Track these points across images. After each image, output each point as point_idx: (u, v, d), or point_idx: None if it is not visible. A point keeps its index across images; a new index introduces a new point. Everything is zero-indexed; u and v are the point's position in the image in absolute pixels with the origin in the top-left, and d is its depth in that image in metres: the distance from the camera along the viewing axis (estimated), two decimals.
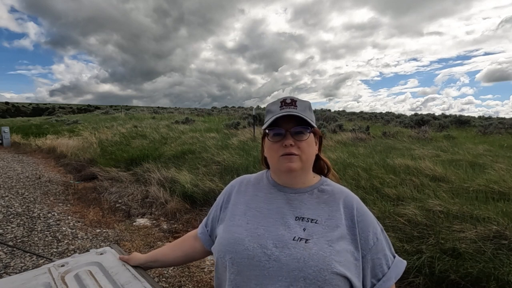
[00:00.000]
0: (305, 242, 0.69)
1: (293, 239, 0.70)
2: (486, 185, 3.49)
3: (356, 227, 0.73)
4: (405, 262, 0.78)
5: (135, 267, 1.03)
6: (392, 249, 0.78)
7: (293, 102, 0.78)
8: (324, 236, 0.70)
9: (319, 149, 0.86)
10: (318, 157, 0.85)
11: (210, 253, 0.90)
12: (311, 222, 0.73)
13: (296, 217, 0.75)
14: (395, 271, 0.75)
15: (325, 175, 0.87)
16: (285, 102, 0.78)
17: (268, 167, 0.89)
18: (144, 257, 1.04)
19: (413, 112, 22.59)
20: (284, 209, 0.77)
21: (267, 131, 0.79)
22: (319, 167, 0.87)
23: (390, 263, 0.75)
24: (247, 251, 0.72)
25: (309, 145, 0.77)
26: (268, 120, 0.78)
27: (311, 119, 0.78)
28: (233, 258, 0.73)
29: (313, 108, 0.86)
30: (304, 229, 0.72)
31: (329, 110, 19.75)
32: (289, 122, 0.76)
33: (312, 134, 0.79)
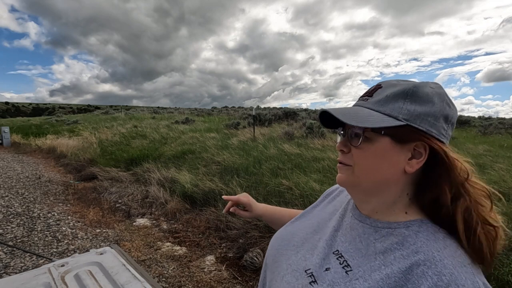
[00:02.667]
0: (310, 283, 0.51)
1: (305, 271, 0.53)
2: None
3: None
4: None
5: (135, 267, 1.03)
6: None
7: (376, 88, 0.53)
8: None
9: (439, 177, 0.47)
10: (434, 187, 0.48)
11: None
12: (342, 266, 0.50)
13: (335, 250, 0.54)
14: None
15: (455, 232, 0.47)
16: (370, 89, 0.54)
17: None
18: (263, 211, 0.92)
19: None
20: (334, 232, 0.58)
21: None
22: (436, 205, 0.48)
23: None
24: (273, 251, 0.65)
25: (367, 155, 0.51)
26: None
27: (389, 113, 0.48)
28: (267, 252, 0.67)
29: (314, 108, 0.63)
30: (327, 269, 0.51)
31: None
32: None
33: (388, 139, 0.49)
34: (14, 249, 3.01)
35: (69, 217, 4.04)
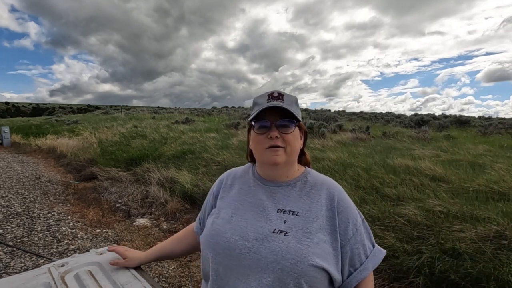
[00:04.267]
0: (284, 235, 0.71)
1: (273, 232, 0.72)
2: (486, 185, 3.49)
3: (336, 218, 0.75)
4: (384, 251, 0.81)
5: (135, 267, 1.02)
6: (372, 238, 0.81)
7: (280, 95, 0.79)
8: (303, 228, 0.72)
9: (304, 144, 0.87)
10: (302, 152, 0.87)
11: None
12: (292, 214, 0.75)
13: (278, 209, 0.76)
14: (373, 261, 0.77)
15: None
16: (272, 95, 0.79)
17: (252, 161, 0.90)
18: (144, 256, 1.03)
19: (413, 112, 22.60)
20: (266, 202, 0.79)
21: (253, 123, 0.80)
22: (304, 162, 0.88)
23: (368, 252, 0.77)
24: (228, 243, 0.74)
25: (295, 138, 0.79)
26: (255, 112, 0.78)
27: (297, 113, 0.79)
28: (215, 250, 0.75)
29: (313, 108, 0.88)
30: (284, 222, 0.74)
31: (329, 110, 19.74)
32: (275, 115, 0.77)
33: (297, 128, 0.81)
34: (14, 249, 3.01)
35: (69, 217, 4.04)
